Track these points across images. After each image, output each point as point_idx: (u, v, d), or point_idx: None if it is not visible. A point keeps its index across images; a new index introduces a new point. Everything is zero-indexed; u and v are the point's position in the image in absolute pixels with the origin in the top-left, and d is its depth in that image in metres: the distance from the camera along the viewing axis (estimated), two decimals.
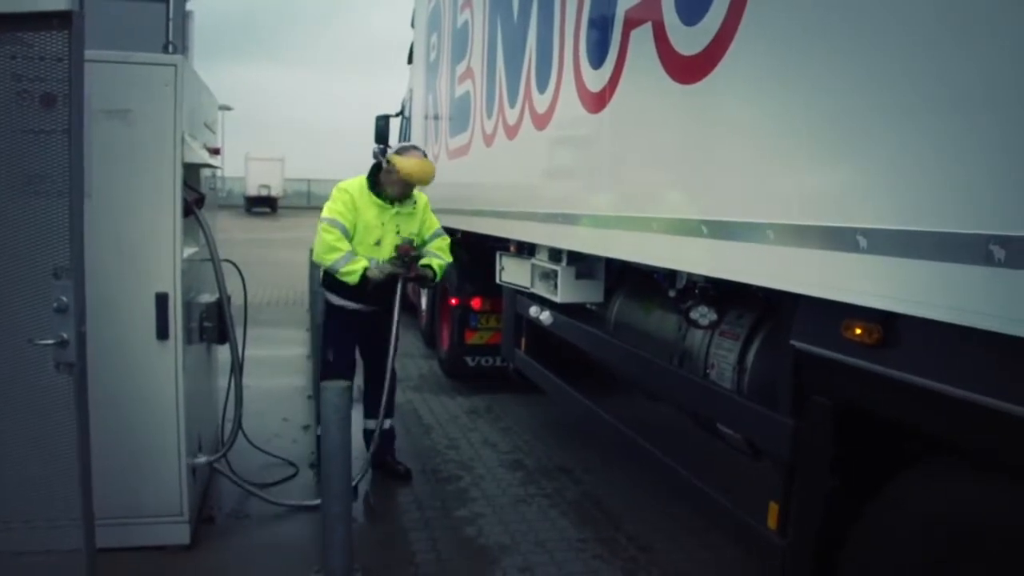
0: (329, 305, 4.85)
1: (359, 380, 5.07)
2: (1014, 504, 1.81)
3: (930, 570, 1.99)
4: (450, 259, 4.98)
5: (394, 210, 4.69)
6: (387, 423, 4.97)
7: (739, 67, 2.58)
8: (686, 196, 2.96)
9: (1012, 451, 1.77)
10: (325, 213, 4.64)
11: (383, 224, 4.66)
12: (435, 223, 5.00)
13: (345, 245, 4.56)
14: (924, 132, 1.83)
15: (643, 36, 3.21)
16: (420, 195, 4.87)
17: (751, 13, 2.49)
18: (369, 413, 5.00)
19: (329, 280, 4.77)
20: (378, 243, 4.66)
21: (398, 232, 4.69)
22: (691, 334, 3.56)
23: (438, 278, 4.94)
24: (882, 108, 1.95)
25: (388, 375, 4.78)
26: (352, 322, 4.82)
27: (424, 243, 4.87)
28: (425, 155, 4.78)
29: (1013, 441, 1.73)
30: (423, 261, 4.79)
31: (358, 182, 4.70)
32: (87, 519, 2.70)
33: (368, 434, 4.91)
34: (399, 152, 4.68)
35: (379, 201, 4.65)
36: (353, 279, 4.53)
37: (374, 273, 4.57)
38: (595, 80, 3.70)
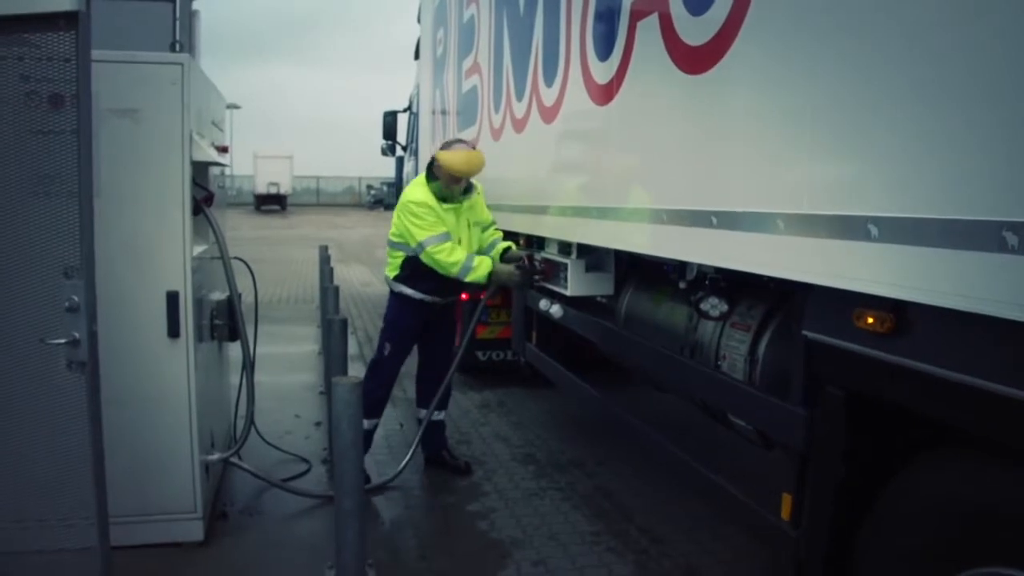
0: (402, 299, 4.80)
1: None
2: None
3: (944, 559, 1.97)
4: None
5: (464, 205, 4.70)
6: (441, 415, 5.05)
7: (747, 56, 2.56)
8: (695, 187, 2.95)
9: None
10: (422, 235, 4.48)
11: (457, 222, 4.66)
12: (489, 215, 4.98)
13: (459, 253, 4.51)
14: (936, 118, 1.81)
15: (650, 27, 3.20)
16: (478, 186, 4.87)
17: (758, 2, 2.48)
18: (422, 403, 5.09)
19: (406, 275, 4.74)
20: (460, 241, 4.64)
21: (470, 225, 4.71)
22: (702, 325, 3.55)
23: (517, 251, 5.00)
24: (893, 94, 1.93)
25: (452, 368, 4.91)
26: (421, 315, 4.82)
27: (487, 228, 4.92)
28: (473, 146, 4.74)
29: None
30: (502, 246, 4.87)
31: (425, 193, 4.58)
32: (101, 517, 2.71)
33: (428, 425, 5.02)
34: (444, 147, 4.67)
35: (448, 203, 4.64)
36: (483, 279, 4.57)
37: (501, 277, 4.61)
38: (602, 72, 3.69)
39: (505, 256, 4.84)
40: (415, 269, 4.67)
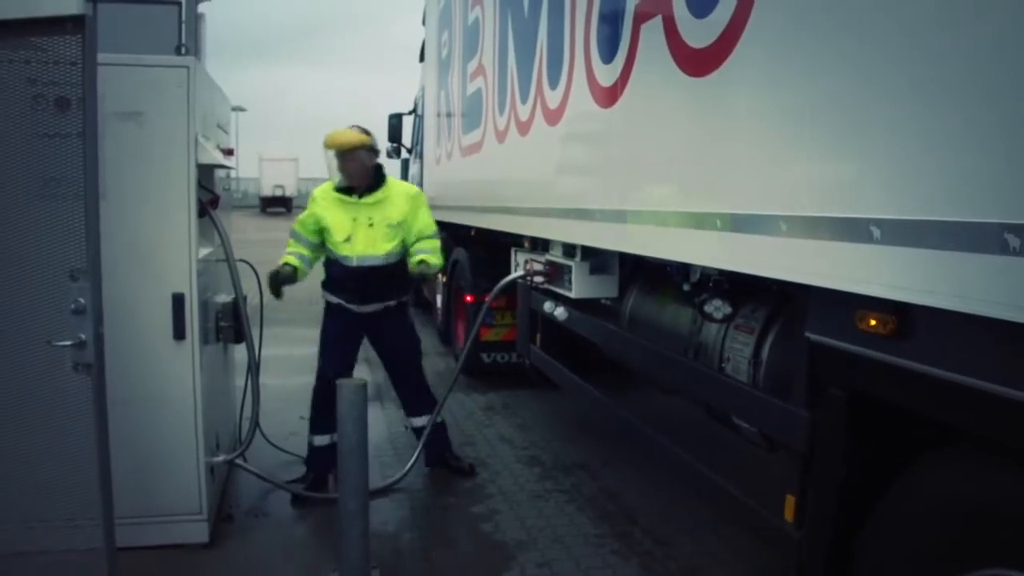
0: (327, 305, 4.86)
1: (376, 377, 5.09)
2: None
3: (947, 559, 1.97)
4: (439, 260, 4.72)
5: (362, 202, 4.60)
6: (424, 419, 5.02)
7: (750, 59, 2.57)
8: (699, 189, 2.95)
9: None
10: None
11: (354, 219, 4.56)
12: (428, 223, 4.74)
13: (290, 246, 4.77)
14: (938, 120, 1.81)
15: (654, 30, 3.20)
16: (401, 186, 4.82)
17: (761, 4, 2.48)
18: (410, 412, 5.09)
19: (325, 279, 4.82)
20: (348, 239, 4.57)
21: (371, 224, 4.55)
22: (706, 328, 3.55)
23: (431, 269, 4.67)
24: (896, 96, 1.93)
25: (454, 373, 4.98)
26: (350, 322, 4.74)
27: (417, 240, 4.66)
28: (364, 129, 4.68)
29: None
30: (415, 259, 4.58)
31: (328, 183, 4.74)
32: (107, 518, 2.73)
33: (418, 432, 4.99)
34: None
35: (342, 196, 4.61)
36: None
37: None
38: (606, 75, 3.69)
39: (414, 269, 4.59)
40: (327, 271, 4.77)
